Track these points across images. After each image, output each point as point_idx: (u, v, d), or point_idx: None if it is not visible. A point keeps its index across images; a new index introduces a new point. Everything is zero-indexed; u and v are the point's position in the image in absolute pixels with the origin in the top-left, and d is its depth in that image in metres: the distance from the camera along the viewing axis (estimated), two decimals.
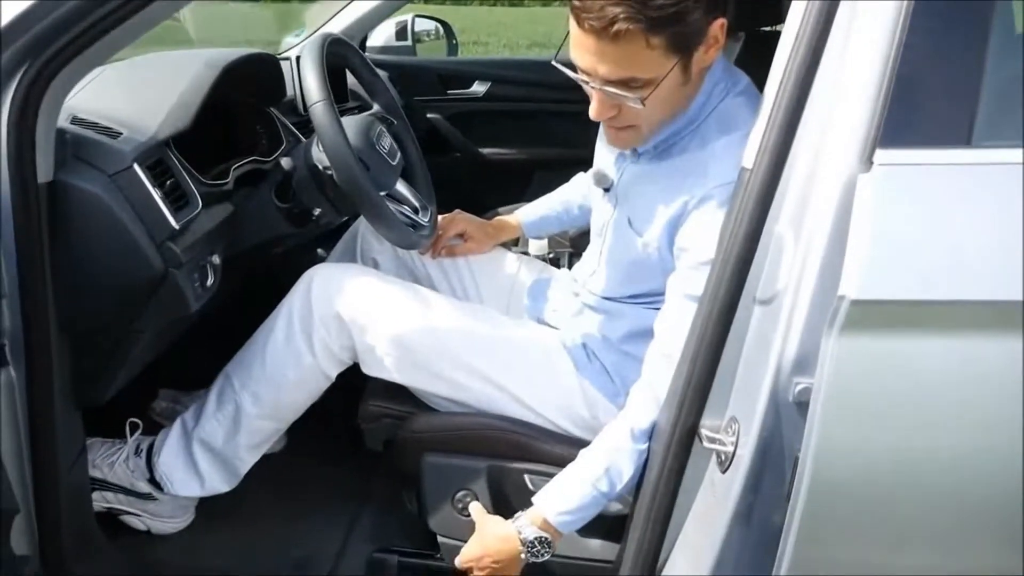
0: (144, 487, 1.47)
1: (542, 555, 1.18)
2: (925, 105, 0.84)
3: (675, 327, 1.11)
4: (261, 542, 1.50)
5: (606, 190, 1.34)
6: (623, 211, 1.28)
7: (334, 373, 1.40)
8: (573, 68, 1.11)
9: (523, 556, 1.18)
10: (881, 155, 0.83)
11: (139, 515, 1.49)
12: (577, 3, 1.03)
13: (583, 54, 1.07)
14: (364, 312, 1.34)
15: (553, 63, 1.15)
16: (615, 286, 1.34)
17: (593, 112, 1.14)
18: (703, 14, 1.04)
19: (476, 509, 1.28)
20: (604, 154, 1.36)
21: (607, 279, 1.35)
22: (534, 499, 1.19)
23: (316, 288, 1.37)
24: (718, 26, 1.07)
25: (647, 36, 1.02)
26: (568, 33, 1.09)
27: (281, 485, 1.61)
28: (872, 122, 0.83)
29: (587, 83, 1.10)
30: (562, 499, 1.17)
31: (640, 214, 1.23)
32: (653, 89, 1.07)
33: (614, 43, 1.03)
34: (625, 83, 1.07)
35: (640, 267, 1.27)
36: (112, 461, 1.48)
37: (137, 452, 1.49)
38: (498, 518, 1.24)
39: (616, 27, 1.01)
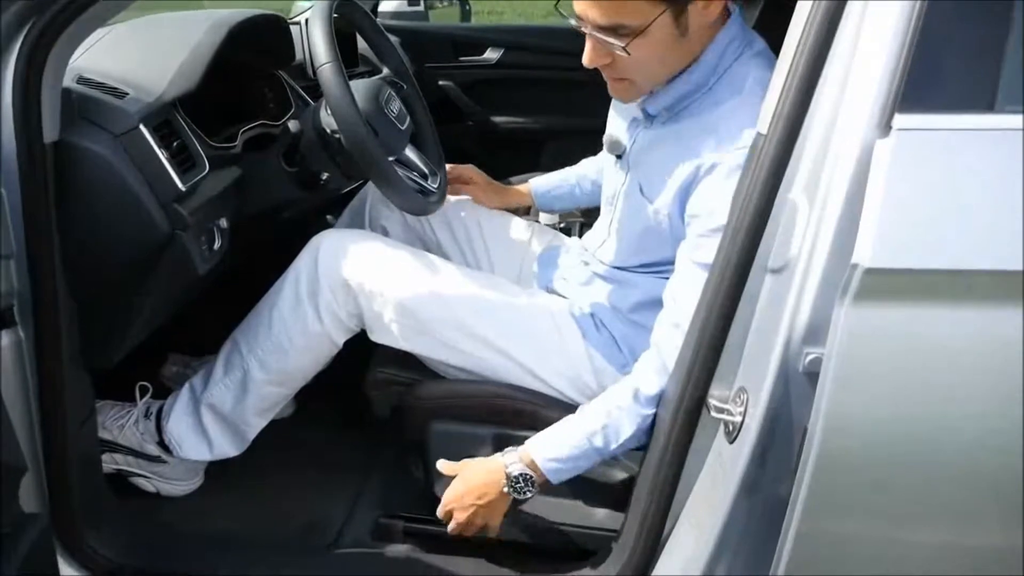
0: (153, 450, 1.48)
1: (525, 493, 1.18)
2: (947, 68, 0.81)
3: (685, 296, 1.10)
4: (268, 506, 1.50)
5: (618, 157, 1.32)
6: (635, 178, 1.26)
7: (342, 340, 1.40)
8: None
9: (506, 490, 1.17)
10: (900, 120, 0.80)
11: (148, 477, 1.50)
12: None
13: None
14: (372, 279, 1.33)
15: (555, 8, 1.16)
16: (625, 255, 1.33)
17: (585, 58, 1.14)
18: None
19: (444, 464, 1.26)
20: (618, 121, 1.34)
21: (617, 248, 1.34)
22: (528, 441, 1.19)
23: (323, 255, 1.36)
24: None
25: None
26: None
27: (289, 450, 1.62)
28: (891, 86, 0.81)
29: (580, 28, 1.11)
30: (555, 445, 1.17)
31: (651, 181, 1.21)
32: (634, 37, 1.07)
33: None
34: (614, 30, 1.07)
35: (651, 235, 1.25)
36: (122, 424, 1.49)
37: (147, 415, 1.49)
38: (481, 457, 1.24)
39: None
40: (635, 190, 1.26)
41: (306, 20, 1.58)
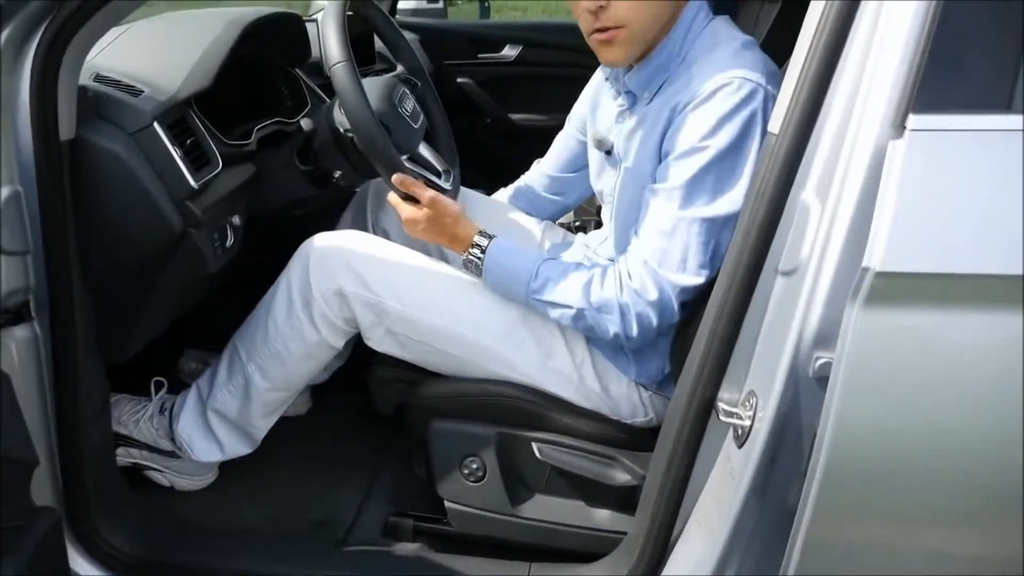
0: (167, 445, 1.49)
1: (469, 263, 1.29)
2: (963, 68, 0.79)
3: (657, 229, 1.15)
4: (280, 502, 1.51)
5: (608, 153, 1.33)
6: (626, 166, 1.27)
7: (340, 344, 1.38)
8: None
9: (462, 254, 1.29)
10: (914, 120, 0.79)
11: (163, 471, 1.51)
12: None
13: None
14: (365, 287, 1.30)
15: None
16: (625, 248, 1.31)
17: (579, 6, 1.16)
18: None
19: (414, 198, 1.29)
20: (601, 118, 1.37)
21: (617, 243, 1.33)
22: (494, 242, 1.27)
23: (314, 262, 1.33)
24: None
25: None
26: None
27: (303, 447, 1.63)
28: (906, 85, 0.79)
29: None
30: (509, 254, 1.26)
31: (639, 158, 1.23)
32: None
33: None
34: None
35: None
36: (137, 418, 1.50)
37: (161, 411, 1.50)
38: (453, 222, 1.29)
39: None
40: (629, 178, 1.26)
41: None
